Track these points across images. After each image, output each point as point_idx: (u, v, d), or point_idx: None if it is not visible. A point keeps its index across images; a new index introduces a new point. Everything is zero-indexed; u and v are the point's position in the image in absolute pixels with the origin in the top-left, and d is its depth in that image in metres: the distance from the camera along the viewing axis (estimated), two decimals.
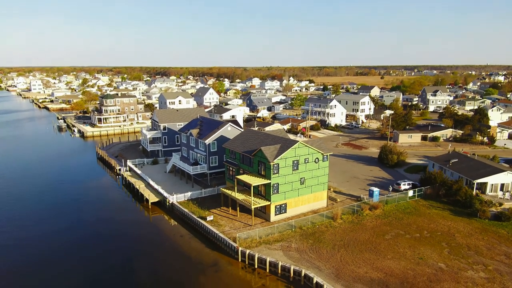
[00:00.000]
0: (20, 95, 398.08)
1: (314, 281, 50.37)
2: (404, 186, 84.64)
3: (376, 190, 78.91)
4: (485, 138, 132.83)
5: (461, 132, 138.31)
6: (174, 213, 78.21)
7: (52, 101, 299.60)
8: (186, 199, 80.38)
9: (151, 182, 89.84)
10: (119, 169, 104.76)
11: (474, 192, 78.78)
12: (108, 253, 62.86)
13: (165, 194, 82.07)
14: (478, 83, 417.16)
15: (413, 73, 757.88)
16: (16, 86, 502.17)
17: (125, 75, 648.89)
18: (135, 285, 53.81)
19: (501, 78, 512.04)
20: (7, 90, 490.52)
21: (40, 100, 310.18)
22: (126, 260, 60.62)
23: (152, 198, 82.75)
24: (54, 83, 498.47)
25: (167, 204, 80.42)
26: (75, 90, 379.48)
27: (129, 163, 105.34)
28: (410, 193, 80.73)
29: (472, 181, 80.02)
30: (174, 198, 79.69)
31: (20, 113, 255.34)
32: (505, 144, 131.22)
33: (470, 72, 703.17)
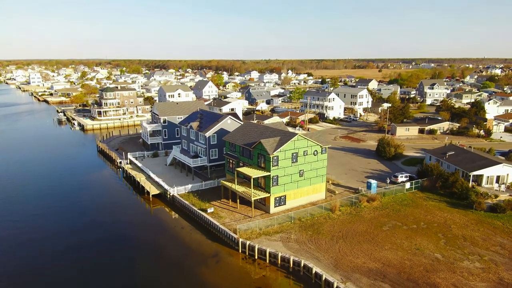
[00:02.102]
0: (20, 88, 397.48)
1: (313, 271, 51.61)
2: (401, 178, 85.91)
3: (373, 182, 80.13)
4: (482, 131, 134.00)
5: (458, 125, 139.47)
6: (175, 205, 79.35)
7: (51, 94, 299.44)
8: (186, 192, 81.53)
9: (152, 175, 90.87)
10: (120, 162, 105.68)
11: (470, 184, 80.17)
12: (109, 245, 63.98)
13: (166, 186, 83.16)
14: (475, 76, 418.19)
15: (410, 66, 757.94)
16: (15, 79, 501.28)
17: (124, 68, 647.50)
18: (136, 276, 54.93)
19: (498, 71, 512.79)
20: (6, 83, 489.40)
21: (40, 93, 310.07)
22: (128, 251, 61.72)
23: (153, 191, 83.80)
24: (53, 76, 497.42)
25: (168, 196, 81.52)
26: (74, 83, 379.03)
27: (129, 156, 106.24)
28: (407, 185, 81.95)
29: (468, 173, 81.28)
30: (175, 191, 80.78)
31: (20, 106, 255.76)
32: (501, 137, 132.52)
33: (468, 65, 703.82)
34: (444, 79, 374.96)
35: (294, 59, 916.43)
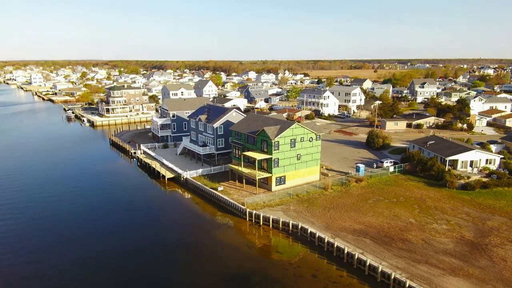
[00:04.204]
0: (22, 88, 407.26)
1: (309, 231, 62.86)
2: (386, 163, 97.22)
3: (362, 166, 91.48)
4: (465, 125, 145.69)
5: (443, 119, 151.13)
6: (188, 187, 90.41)
7: (55, 93, 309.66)
8: (198, 175, 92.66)
9: (165, 162, 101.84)
10: (134, 152, 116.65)
11: (446, 168, 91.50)
12: (136, 219, 74.86)
13: (179, 171, 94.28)
14: (468, 76, 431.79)
15: (406, 67, 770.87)
16: (15, 80, 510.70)
17: (122, 69, 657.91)
18: (161, 238, 65.93)
19: (491, 71, 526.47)
20: (7, 83, 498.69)
21: (44, 93, 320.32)
22: (152, 223, 72.66)
23: (168, 175, 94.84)
24: (53, 76, 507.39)
25: (182, 179, 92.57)
26: (75, 83, 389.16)
27: (142, 147, 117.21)
28: (391, 169, 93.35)
29: (445, 158, 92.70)
30: (188, 174, 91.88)
31: (26, 105, 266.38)
32: (482, 130, 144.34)
33: (462, 66, 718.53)
34: (437, 79, 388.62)
35: (291, 59, 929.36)
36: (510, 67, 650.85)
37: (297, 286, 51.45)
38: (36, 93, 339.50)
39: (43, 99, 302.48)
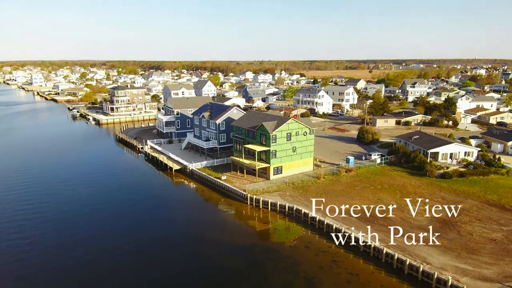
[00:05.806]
0: (23, 88, 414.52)
1: (303, 212, 72.07)
2: (374, 156, 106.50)
3: (351, 158, 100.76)
4: (450, 122, 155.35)
5: (430, 117, 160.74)
6: (194, 177, 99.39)
7: (58, 93, 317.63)
8: (202, 167, 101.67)
9: (172, 155, 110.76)
10: (141, 148, 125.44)
11: (428, 160, 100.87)
12: (150, 206, 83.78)
13: (185, 163, 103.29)
14: (459, 76, 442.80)
15: (400, 67, 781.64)
16: (15, 80, 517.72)
17: (120, 69, 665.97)
18: (172, 221, 74.95)
19: (482, 72, 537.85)
20: (7, 84, 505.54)
21: (46, 93, 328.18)
22: (164, 208, 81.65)
23: (175, 167, 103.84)
24: (53, 77, 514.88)
25: (187, 170, 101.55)
26: (76, 84, 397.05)
27: (149, 142, 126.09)
28: (378, 160, 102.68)
29: (427, 151, 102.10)
30: (193, 166, 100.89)
31: (30, 105, 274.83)
32: (466, 127, 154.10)
33: (455, 66, 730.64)
34: (429, 79, 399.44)
35: (287, 60, 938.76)
36: (503, 67, 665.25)
37: (292, 254, 60.63)
38: (38, 93, 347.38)
39: (46, 99, 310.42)
